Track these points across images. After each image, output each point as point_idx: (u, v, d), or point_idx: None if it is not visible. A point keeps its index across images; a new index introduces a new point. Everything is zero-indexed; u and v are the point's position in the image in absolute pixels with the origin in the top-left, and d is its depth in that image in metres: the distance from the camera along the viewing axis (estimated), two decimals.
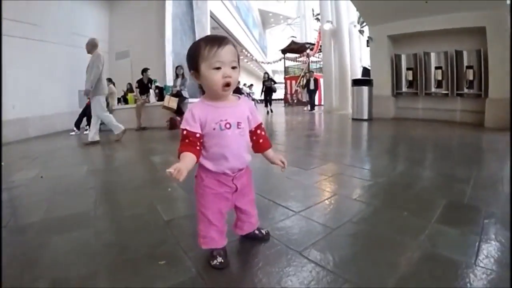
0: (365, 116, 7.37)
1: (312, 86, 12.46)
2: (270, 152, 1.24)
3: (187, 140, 1.04)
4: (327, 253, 1.25)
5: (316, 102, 15.39)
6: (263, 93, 13.14)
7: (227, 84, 1.02)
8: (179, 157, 1.04)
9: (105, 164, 3.93)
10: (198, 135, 1.05)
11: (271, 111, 12.06)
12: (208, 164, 1.10)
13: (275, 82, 12.06)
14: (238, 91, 15.15)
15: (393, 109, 7.62)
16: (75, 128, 7.91)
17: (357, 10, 8.45)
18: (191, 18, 11.35)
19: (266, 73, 12.58)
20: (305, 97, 14.45)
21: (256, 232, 1.32)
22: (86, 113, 8.12)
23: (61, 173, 3.24)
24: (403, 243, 1.34)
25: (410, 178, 2.42)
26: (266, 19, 33.62)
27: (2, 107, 6.80)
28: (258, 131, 1.19)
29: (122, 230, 1.66)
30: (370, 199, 1.93)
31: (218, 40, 1.02)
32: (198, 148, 1.05)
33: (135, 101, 8.18)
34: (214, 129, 1.05)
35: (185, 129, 1.05)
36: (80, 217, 1.84)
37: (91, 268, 1.23)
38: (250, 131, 1.18)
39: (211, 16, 13.25)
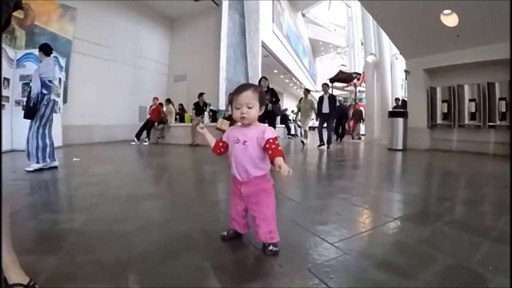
0: (400, 147, 7.65)
1: (326, 109, 8.05)
2: (278, 161, 1.35)
3: (220, 139, 1.62)
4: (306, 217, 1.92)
5: (357, 132, 14.05)
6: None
7: (243, 118, 1.46)
8: None
9: (168, 167, 4.93)
10: (223, 140, 1.59)
11: None
12: (230, 168, 1.55)
13: (277, 100, 7.02)
14: (285, 118, 15.79)
15: (428, 141, 7.86)
16: (135, 139, 9.15)
17: (394, 44, 8.94)
18: (244, 47, 12.28)
19: (263, 78, 7.12)
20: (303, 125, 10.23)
21: (266, 245, 1.48)
22: (146, 127, 9.40)
23: (133, 170, 4.26)
24: (366, 225, 1.97)
25: (403, 195, 2.94)
26: (316, 48, 34.35)
27: (73, 115, 8.36)
28: (267, 145, 1.40)
29: (186, 203, 2.56)
30: (357, 202, 2.54)
31: (239, 89, 1.49)
32: (219, 143, 1.61)
33: (191, 121, 9.33)
34: (231, 142, 1.53)
35: (222, 136, 1.63)
36: (157, 195, 2.79)
37: (168, 217, 2.08)
38: (264, 148, 1.43)
39: (262, 46, 14.25)
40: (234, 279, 1.26)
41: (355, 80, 18.90)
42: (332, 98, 8.20)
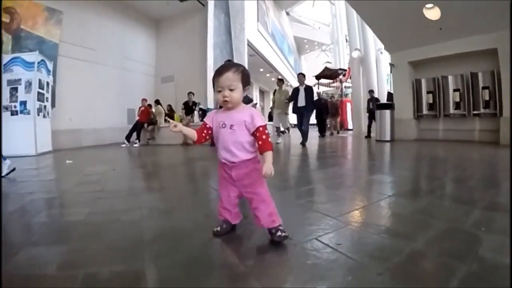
0: (388, 138, 7.85)
1: (302, 102, 7.14)
2: (266, 155, 1.35)
3: (202, 126, 1.48)
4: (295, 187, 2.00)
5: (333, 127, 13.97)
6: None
7: (225, 101, 1.38)
8: None
9: (164, 165, 4.94)
10: (207, 125, 1.47)
11: None
12: (218, 153, 1.48)
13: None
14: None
15: (415, 131, 8.09)
16: (125, 141, 9.08)
17: (379, 38, 9.14)
18: (230, 46, 12.31)
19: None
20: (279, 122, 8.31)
21: (273, 231, 1.39)
22: (136, 128, 9.35)
23: (129, 169, 4.28)
24: (364, 202, 2.06)
25: (395, 177, 3.08)
26: (301, 46, 34.62)
27: (61, 119, 8.28)
28: (258, 134, 1.36)
29: (188, 193, 2.63)
30: (351, 184, 2.65)
31: (219, 71, 1.39)
32: (203, 132, 1.47)
33: (181, 121, 9.33)
34: (216, 126, 1.44)
35: (204, 120, 1.50)
36: (158, 188, 2.84)
37: (173, 206, 2.14)
38: (253, 135, 1.38)
39: (248, 45, 14.32)
40: (249, 250, 1.33)
41: (341, 76, 19.22)
42: (308, 89, 7.26)
